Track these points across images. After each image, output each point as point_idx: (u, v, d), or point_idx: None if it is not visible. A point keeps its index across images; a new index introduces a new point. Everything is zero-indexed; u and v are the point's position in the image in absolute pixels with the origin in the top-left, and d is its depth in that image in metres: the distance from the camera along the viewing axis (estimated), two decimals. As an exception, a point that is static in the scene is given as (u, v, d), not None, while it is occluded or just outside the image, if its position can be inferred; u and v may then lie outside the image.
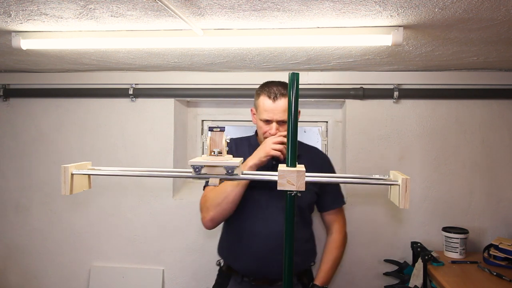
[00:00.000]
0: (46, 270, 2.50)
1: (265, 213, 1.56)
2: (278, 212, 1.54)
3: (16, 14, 1.29)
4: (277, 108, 1.50)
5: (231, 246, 1.62)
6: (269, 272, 1.54)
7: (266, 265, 1.53)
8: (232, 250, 1.61)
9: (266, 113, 1.52)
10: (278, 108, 1.50)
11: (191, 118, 2.57)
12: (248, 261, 1.55)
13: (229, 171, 0.95)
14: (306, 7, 1.19)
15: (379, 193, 2.20)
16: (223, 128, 0.99)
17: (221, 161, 0.95)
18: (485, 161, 2.18)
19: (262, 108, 1.54)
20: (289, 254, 0.94)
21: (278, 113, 1.50)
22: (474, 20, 1.27)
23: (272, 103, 1.51)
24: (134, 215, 2.41)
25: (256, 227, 1.55)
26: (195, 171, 0.96)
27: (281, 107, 1.50)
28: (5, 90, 2.46)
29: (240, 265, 1.58)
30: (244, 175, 1.01)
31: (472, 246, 2.14)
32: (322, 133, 2.46)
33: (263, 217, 1.55)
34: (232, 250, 1.62)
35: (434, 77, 2.15)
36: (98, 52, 1.82)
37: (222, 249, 1.69)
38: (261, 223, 1.55)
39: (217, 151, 0.97)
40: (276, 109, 1.50)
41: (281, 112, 1.50)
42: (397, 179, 0.91)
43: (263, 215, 1.56)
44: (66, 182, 0.97)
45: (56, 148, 2.47)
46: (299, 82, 0.91)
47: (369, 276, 2.25)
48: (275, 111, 1.50)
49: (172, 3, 1.15)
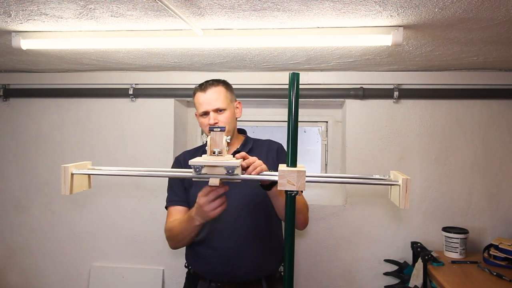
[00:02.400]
0: (46, 270, 2.50)
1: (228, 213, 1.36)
2: (241, 211, 1.45)
3: (16, 14, 1.29)
4: (210, 97, 1.47)
5: (195, 250, 1.52)
6: (236, 275, 1.45)
7: (232, 268, 1.44)
8: (197, 254, 1.51)
9: (201, 106, 1.49)
10: (210, 97, 1.47)
11: (191, 118, 2.57)
12: (213, 265, 1.46)
13: (229, 171, 0.95)
14: (306, 7, 1.19)
15: (379, 193, 2.20)
16: (223, 128, 0.99)
17: (221, 161, 0.95)
18: (485, 161, 2.18)
19: (197, 103, 1.51)
20: (289, 255, 0.94)
21: (212, 102, 1.46)
22: (474, 20, 1.27)
23: (203, 94, 1.48)
24: (134, 215, 2.41)
25: (219, 228, 1.45)
26: (195, 171, 0.96)
27: (213, 96, 1.47)
28: (5, 90, 2.46)
29: (205, 269, 1.49)
30: (244, 175, 1.01)
31: (472, 246, 2.14)
32: (322, 133, 2.46)
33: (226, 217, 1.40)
34: (196, 254, 1.51)
35: (434, 77, 2.15)
36: (98, 52, 1.82)
37: (187, 254, 1.59)
38: (225, 223, 1.44)
39: (218, 151, 0.97)
40: (208, 98, 1.47)
41: (214, 100, 1.46)
42: (398, 179, 0.91)
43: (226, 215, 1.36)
44: (66, 182, 0.97)
45: (56, 148, 2.47)
46: (299, 82, 0.91)
47: (369, 276, 2.25)
48: (208, 100, 1.47)
49: (172, 3, 1.15)
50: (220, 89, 1.50)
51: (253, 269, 1.46)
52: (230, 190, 1.42)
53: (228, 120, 1.48)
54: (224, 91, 1.50)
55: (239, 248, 1.44)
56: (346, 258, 2.26)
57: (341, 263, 2.27)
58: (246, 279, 1.46)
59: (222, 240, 1.46)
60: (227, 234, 1.46)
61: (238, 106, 1.59)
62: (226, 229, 1.46)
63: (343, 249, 2.26)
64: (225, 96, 1.50)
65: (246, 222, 1.46)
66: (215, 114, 1.47)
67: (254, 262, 1.46)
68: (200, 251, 1.50)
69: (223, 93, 1.49)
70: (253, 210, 1.47)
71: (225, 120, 1.47)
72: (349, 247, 2.27)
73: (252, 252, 1.46)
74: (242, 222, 1.46)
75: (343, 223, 2.26)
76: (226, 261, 1.44)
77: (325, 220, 2.27)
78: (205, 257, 1.48)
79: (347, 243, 2.27)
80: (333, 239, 2.27)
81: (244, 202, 1.46)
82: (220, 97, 1.48)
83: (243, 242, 1.44)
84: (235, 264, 1.44)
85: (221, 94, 1.49)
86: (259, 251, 1.47)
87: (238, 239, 1.45)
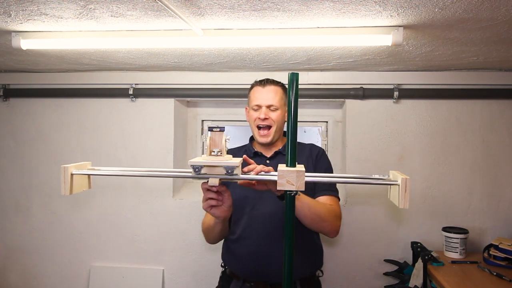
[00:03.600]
0: (46, 270, 2.50)
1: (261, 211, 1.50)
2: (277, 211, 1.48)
3: (16, 14, 1.29)
4: (266, 93, 1.51)
5: (230, 248, 1.57)
6: (269, 274, 1.47)
7: (266, 267, 1.46)
8: (231, 252, 1.56)
9: (256, 99, 1.53)
10: (267, 92, 1.51)
11: (191, 118, 2.57)
12: (247, 262, 1.49)
13: (228, 171, 0.95)
14: (306, 7, 1.19)
15: (379, 193, 2.20)
16: (223, 128, 0.99)
17: (221, 161, 0.95)
18: (485, 161, 2.18)
19: (252, 97, 1.55)
20: (289, 255, 0.94)
21: (268, 98, 1.50)
22: (474, 20, 1.27)
23: (262, 88, 1.52)
24: (134, 215, 2.41)
25: (254, 227, 1.50)
26: (195, 171, 0.96)
27: (270, 92, 1.51)
28: (5, 90, 2.46)
29: (239, 268, 1.53)
30: (245, 175, 1.01)
31: (472, 246, 2.14)
32: (322, 133, 2.46)
33: (259, 216, 1.50)
34: (231, 252, 1.56)
35: (434, 77, 2.15)
36: (98, 52, 1.82)
37: (223, 253, 1.64)
38: (259, 223, 1.49)
39: (217, 151, 0.97)
40: (265, 93, 1.51)
41: (271, 97, 1.51)
42: (397, 179, 0.91)
43: (259, 213, 1.50)
44: (66, 182, 0.97)
45: (56, 148, 2.47)
46: (299, 82, 0.91)
47: (369, 276, 2.25)
48: (265, 96, 1.51)
49: (172, 3, 1.15)
50: (278, 89, 1.54)
51: None
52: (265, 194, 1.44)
53: (278, 119, 1.52)
54: (281, 92, 1.55)
55: (271, 248, 1.45)
56: (346, 258, 2.26)
57: (341, 263, 2.27)
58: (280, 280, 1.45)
59: (256, 239, 1.48)
60: (261, 234, 1.48)
61: None
62: (259, 229, 1.49)
63: (343, 249, 2.26)
64: (281, 97, 1.53)
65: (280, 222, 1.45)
66: (267, 110, 1.50)
67: None
68: (235, 249, 1.53)
69: (280, 93, 1.54)
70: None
71: (275, 118, 1.51)
72: (349, 247, 2.27)
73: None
74: (276, 224, 1.47)
75: (343, 223, 2.24)
76: (259, 260, 1.47)
77: (325, 220, 2.26)
78: (239, 255, 1.51)
79: (347, 243, 2.27)
80: (333, 239, 2.27)
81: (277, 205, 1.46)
82: (276, 96, 1.52)
83: (275, 243, 1.45)
84: (268, 263, 1.46)
85: (278, 93, 1.53)
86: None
87: (271, 240, 1.46)
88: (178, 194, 2.44)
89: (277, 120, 1.51)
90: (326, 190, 1.53)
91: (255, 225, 1.50)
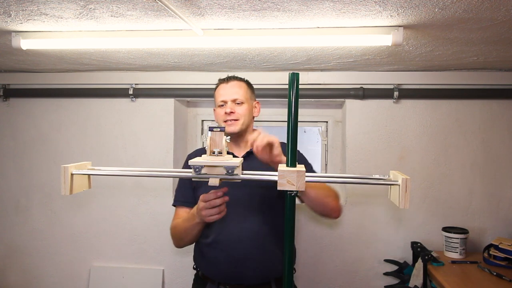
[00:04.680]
0: (46, 270, 2.50)
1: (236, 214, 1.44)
2: (249, 212, 1.46)
3: (16, 14, 1.29)
4: (230, 88, 1.52)
5: (203, 252, 1.52)
6: (245, 277, 1.45)
7: (241, 270, 1.44)
8: (205, 256, 1.51)
9: (220, 96, 1.53)
10: (231, 87, 1.52)
11: (191, 118, 2.57)
12: (222, 268, 1.45)
13: (229, 171, 0.95)
14: (306, 7, 1.19)
15: (379, 193, 2.20)
16: (223, 128, 0.99)
17: (221, 161, 0.95)
18: (485, 161, 2.18)
19: (217, 94, 1.55)
20: (289, 255, 0.94)
21: (232, 93, 1.51)
22: (474, 20, 1.27)
23: (225, 85, 1.54)
24: (134, 215, 2.41)
25: (228, 230, 1.45)
26: (195, 171, 0.96)
27: (234, 87, 1.52)
28: (5, 90, 2.46)
29: (214, 272, 1.49)
30: (244, 175, 1.01)
31: (472, 246, 2.14)
32: (322, 133, 2.46)
33: (234, 219, 1.43)
34: (204, 256, 1.51)
35: (434, 77, 2.15)
36: (98, 52, 1.82)
37: (196, 256, 1.59)
38: (233, 225, 1.45)
39: (217, 151, 0.97)
40: (228, 88, 1.52)
41: (235, 92, 1.51)
42: (397, 179, 0.91)
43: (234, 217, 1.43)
44: (66, 182, 0.97)
45: (56, 148, 2.47)
46: (299, 82, 0.91)
47: (369, 276, 2.25)
48: (229, 91, 1.51)
49: (172, 3, 1.15)
50: (242, 84, 1.56)
51: (262, 271, 1.45)
52: (237, 191, 1.44)
53: (245, 113, 1.51)
54: (245, 87, 1.56)
55: (247, 250, 1.43)
56: (346, 258, 2.26)
57: (341, 263, 2.27)
58: (255, 282, 1.45)
59: (230, 242, 1.45)
60: (235, 236, 1.45)
61: (256, 105, 1.61)
62: (234, 231, 1.45)
63: (343, 249, 2.27)
64: (245, 91, 1.55)
65: (254, 224, 1.45)
66: (232, 104, 1.50)
67: (263, 264, 1.45)
68: (209, 253, 1.49)
69: (244, 88, 1.55)
70: (260, 212, 1.46)
71: (241, 112, 1.50)
72: (349, 247, 2.27)
73: (260, 254, 1.44)
74: (250, 224, 1.45)
75: (343, 223, 2.26)
76: (235, 264, 1.44)
77: (325, 220, 2.27)
78: (214, 260, 1.47)
79: (347, 243, 2.27)
80: (333, 239, 2.27)
81: (251, 204, 1.46)
82: (240, 90, 1.53)
83: (251, 244, 1.43)
84: (244, 266, 1.44)
85: (242, 88, 1.54)
86: (267, 253, 1.46)
87: (246, 241, 1.44)
88: (178, 194, 2.44)
89: (244, 114, 1.50)
90: None
91: (228, 230, 1.45)
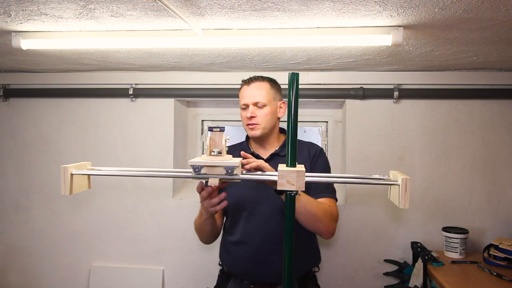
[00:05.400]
0: (46, 270, 2.50)
1: (259, 214, 1.49)
2: (273, 212, 1.48)
3: (16, 14, 1.29)
4: (252, 90, 1.48)
5: (229, 250, 1.56)
6: (269, 275, 1.47)
7: (265, 268, 1.47)
8: (230, 254, 1.55)
9: (242, 99, 1.50)
10: (252, 90, 1.48)
11: (191, 118, 2.57)
12: (246, 265, 1.49)
13: (228, 171, 0.95)
14: (306, 7, 1.19)
15: (379, 193, 2.20)
16: (223, 128, 0.99)
17: (220, 161, 0.95)
18: (485, 161, 2.18)
19: (240, 96, 1.53)
20: (289, 255, 0.94)
21: (253, 95, 1.47)
22: (474, 20, 1.27)
23: (247, 86, 1.50)
24: (134, 215, 2.41)
25: (251, 229, 1.49)
26: (194, 171, 0.96)
27: (255, 89, 1.48)
28: (5, 90, 2.46)
29: (238, 269, 1.53)
30: (244, 175, 1.01)
31: (472, 246, 2.14)
32: (322, 133, 2.46)
33: (257, 218, 1.49)
34: (230, 254, 1.55)
35: (434, 77, 2.15)
36: (98, 52, 1.82)
37: (221, 253, 1.63)
38: (256, 225, 1.49)
39: (217, 151, 0.97)
40: (250, 90, 1.48)
41: (256, 94, 1.47)
42: (397, 179, 0.91)
43: (257, 216, 1.49)
44: (66, 182, 0.97)
45: (56, 148, 2.47)
46: (299, 82, 0.91)
47: (369, 276, 2.25)
48: (250, 94, 1.48)
49: (172, 3, 1.15)
50: (264, 84, 1.50)
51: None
52: (262, 193, 1.47)
53: (266, 117, 1.47)
54: (268, 87, 1.50)
55: (270, 251, 1.45)
56: (346, 258, 2.26)
57: (341, 263, 2.27)
58: (277, 280, 1.46)
59: (254, 241, 1.48)
60: (259, 235, 1.48)
61: (282, 106, 1.56)
62: (257, 230, 1.48)
63: (343, 249, 2.26)
64: (267, 92, 1.49)
65: (278, 224, 1.46)
66: (253, 108, 1.46)
67: None
68: (234, 251, 1.53)
69: (266, 89, 1.49)
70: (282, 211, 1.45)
71: (262, 115, 1.47)
72: (349, 247, 2.27)
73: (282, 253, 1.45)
74: (274, 224, 1.46)
75: (343, 223, 2.26)
76: (258, 263, 1.47)
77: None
78: (238, 258, 1.51)
79: (347, 243, 2.26)
80: (333, 239, 2.27)
81: (274, 205, 1.47)
82: (262, 92, 1.48)
83: (274, 244, 1.45)
84: (267, 265, 1.46)
85: (263, 89, 1.48)
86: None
87: (270, 241, 1.46)
88: (178, 194, 2.44)
89: (265, 117, 1.47)
90: (323, 192, 1.50)
91: (253, 229, 1.49)
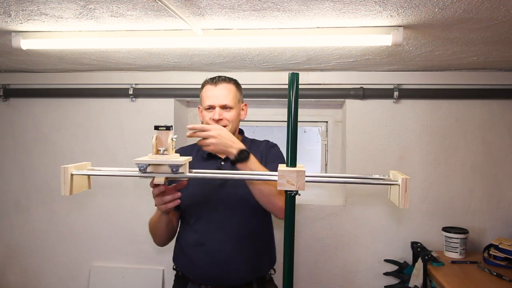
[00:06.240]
0: (46, 270, 2.50)
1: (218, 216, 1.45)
2: (231, 213, 1.44)
3: (16, 14, 1.29)
4: (219, 92, 1.45)
5: (184, 253, 1.50)
6: (227, 278, 1.43)
7: (223, 271, 1.42)
8: (186, 257, 1.49)
9: (208, 99, 1.46)
10: (220, 92, 1.45)
11: (191, 118, 2.57)
12: (204, 269, 1.44)
13: (173, 169, 0.95)
14: (306, 7, 1.19)
15: (379, 193, 2.20)
16: (170, 126, 1.00)
17: (166, 159, 0.96)
18: (485, 161, 2.18)
19: (204, 96, 1.48)
20: (289, 255, 0.94)
21: (221, 97, 1.44)
22: (474, 20, 1.27)
23: (214, 87, 1.46)
24: (134, 215, 2.40)
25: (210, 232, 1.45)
26: (140, 170, 0.97)
27: (223, 91, 1.45)
28: (5, 90, 2.46)
29: (195, 272, 1.47)
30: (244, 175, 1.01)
31: (472, 246, 2.14)
32: (322, 133, 2.46)
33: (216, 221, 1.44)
34: (186, 257, 1.49)
35: (434, 77, 2.15)
36: (98, 52, 1.81)
37: (176, 257, 1.56)
38: (215, 227, 1.44)
39: (163, 150, 0.97)
40: (218, 93, 1.45)
41: (224, 96, 1.45)
42: (397, 179, 0.91)
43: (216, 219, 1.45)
44: (66, 183, 0.97)
45: (56, 148, 2.47)
46: (299, 82, 0.91)
47: (369, 276, 2.25)
48: (217, 95, 1.45)
49: (172, 3, 1.15)
50: (231, 87, 1.49)
51: (244, 271, 1.44)
52: (218, 192, 1.45)
53: (233, 119, 1.47)
54: (234, 90, 1.50)
55: (229, 251, 1.42)
56: (346, 258, 2.26)
57: (341, 263, 2.27)
58: (237, 282, 1.44)
59: (213, 243, 1.44)
60: (217, 237, 1.44)
61: (244, 108, 1.57)
62: (215, 232, 1.44)
63: (343, 249, 2.26)
64: (234, 95, 1.49)
65: (235, 224, 1.44)
66: (220, 110, 1.45)
67: (245, 265, 1.44)
68: (191, 254, 1.47)
69: (233, 92, 1.49)
70: (242, 212, 1.45)
71: (230, 118, 1.46)
72: (349, 247, 2.27)
73: (243, 255, 1.44)
74: (231, 225, 1.44)
75: (343, 223, 2.26)
76: (217, 265, 1.42)
77: (325, 220, 2.27)
78: (196, 261, 1.46)
79: (347, 243, 2.27)
80: (333, 239, 2.27)
81: (232, 204, 1.45)
82: (229, 94, 1.47)
83: (233, 245, 1.43)
84: (226, 267, 1.42)
85: (231, 92, 1.48)
86: (249, 253, 1.45)
87: (228, 242, 1.43)
88: (178, 194, 2.43)
89: (232, 120, 1.46)
90: None
91: (214, 230, 1.45)
